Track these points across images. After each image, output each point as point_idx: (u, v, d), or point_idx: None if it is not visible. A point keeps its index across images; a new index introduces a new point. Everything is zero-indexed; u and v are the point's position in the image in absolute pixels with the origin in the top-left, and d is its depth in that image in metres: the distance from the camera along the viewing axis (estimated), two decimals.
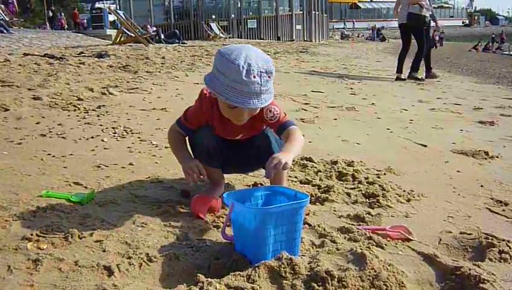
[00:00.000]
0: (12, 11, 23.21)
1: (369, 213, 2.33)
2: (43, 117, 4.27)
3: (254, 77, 1.97)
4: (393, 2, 14.66)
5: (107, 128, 3.98)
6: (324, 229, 2.09)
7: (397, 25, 10.02)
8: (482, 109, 6.32)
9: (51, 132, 3.76)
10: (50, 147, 3.32)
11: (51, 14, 29.56)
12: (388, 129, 4.69)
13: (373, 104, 6.33)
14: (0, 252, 1.71)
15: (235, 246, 1.84)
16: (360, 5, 74.66)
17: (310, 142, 3.91)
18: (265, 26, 30.81)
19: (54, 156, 3.09)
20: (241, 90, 1.98)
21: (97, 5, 27.14)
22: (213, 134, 2.33)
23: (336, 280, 1.57)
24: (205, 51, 13.63)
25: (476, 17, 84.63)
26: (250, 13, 31.64)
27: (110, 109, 4.78)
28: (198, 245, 1.86)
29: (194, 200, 2.23)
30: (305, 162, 3.17)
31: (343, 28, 53.98)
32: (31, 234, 1.84)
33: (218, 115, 2.26)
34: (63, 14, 30.16)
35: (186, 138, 2.43)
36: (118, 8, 25.84)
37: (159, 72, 8.10)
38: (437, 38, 31.51)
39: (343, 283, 1.56)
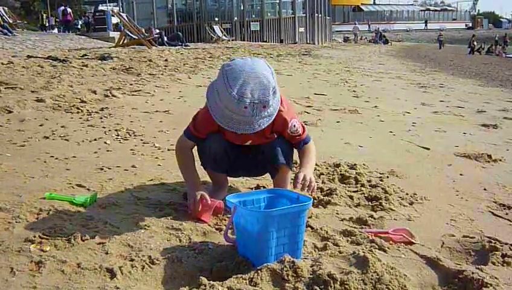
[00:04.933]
0: (68, 20, 25.89)
1: (371, 216, 2.33)
2: (46, 119, 4.29)
3: (245, 107, 1.96)
4: (396, 4, 14.65)
5: (110, 130, 3.99)
6: (327, 232, 2.09)
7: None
8: (485, 112, 6.31)
9: (54, 134, 3.77)
10: (53, 149, 3.33)
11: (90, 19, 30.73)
12: (391, 132, 4.69)
13: (376, 106, 6.33)
14: (3, 254, 1.71)
15: (238, 249, 1.84)
16: (363, 7, 74.62)
17: None
18: (268, 29, 30.81)
19: (57, 158, 3.10)
20: (231, 117, 2.00)
21: (100, 7, 27.27)
22: (222, 140, 2.30)
23: (338, 283, 1.56)
24: (208, 54, 13.65)
25: (479, 20, 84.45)
26: (253, 16, 31.65)
27: (113, 111, 4.79)
28: (201, 248, 1.86)
29: (197, 204, 2.19)
30: None
31: (368, 30, 53.64)
32: (34, 236, 1.84)
33: None
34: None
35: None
36: (121, 10, 25.92)
37: (162, 74, 8.12)
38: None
39: (346, 286, 1.56)
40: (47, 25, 28.93)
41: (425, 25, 71.77)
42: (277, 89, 2.05)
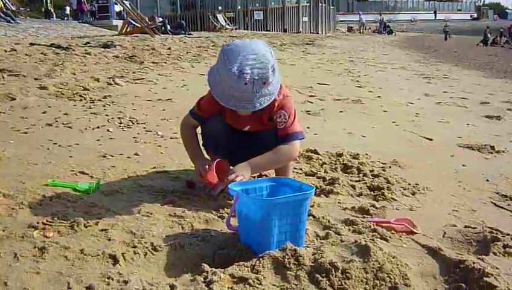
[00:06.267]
0: (83, 9, 25.92)
1: (373, 206, 2.33)
2: (49, 107, 4.29)
3: (246, 84, 1.99)
4: None
5: (112, 118, 3.99)
6: (328, 221, 2.09)
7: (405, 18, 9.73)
8: (488, 103, 6.29)
9: (57, 121, 3.78)
10: (56, 136, 3.33)
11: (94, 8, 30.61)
12: (394, 122, 4.68)
13: (379, 97, 6.32)
14: (6, 240, 1.72)
15: (240, 237, 1.84)
16: None
17: (315, 134, 3.91)
18: (272, 18, 30.65)
19: (60, 146, 3.10)
20: (232, 94, 2.02)
21: None
22: (223, 123, 2.34)
23: (339, 271, 1.57)
24: (211, 42, 13.60)
25: (484, 11, 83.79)
26: (257, 5, 31.47)
27: (116, 99, 4.79)
28: (203, 235, 1.87)
29: (203, 171, 2.20)
30: (310, 154, 3.17)
31: (374, 20, 52.42)
32: (37, 222, 1.85)
33: None
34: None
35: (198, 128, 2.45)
36: None
37: (165, 63, 8.10)
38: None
39: (347, 274, 1.57)
40: (54, 13, 29.19)
41: (435, 16, 70.72)
42: (276, 68, 2.08)
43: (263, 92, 2.04)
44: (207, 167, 2.19)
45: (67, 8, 29.51)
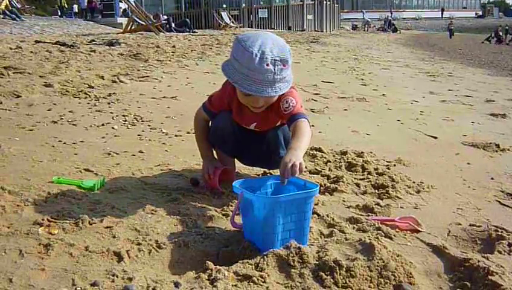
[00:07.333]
0: (94, 7, 25.40)
1: (378, 204, 2.32)
2: (55, 104, 4.30)
3: (267, 65, 1.97)
4: None
5: (117, 116, 4.00)
6: (333, 219, 2.09)
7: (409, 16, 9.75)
8: (493, 101, 6.26)
9: (62, 118, 3.79)
10: (61, 133, 3.34)
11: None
12: (398, 120, 4.67)
13: (384, 95, 6.30)
14: (12, 237, 1.73)
15: (244, 235, 1.84)
16: None
17: (319, 132, 3.90)
18: (276, 16, 30.64)
19: (65, 143, 3.11)
20: (254, 78, 1.98)
21: None
22: (230, 119, 2.34)
23: (344, 269, 1.57)
24: (215, 40, 13.60)
25: (489, 9, 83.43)
26: (261, 2, 31.45)
27: (121, 97, 4.80)
28: (208, 233, 1.87)
29: (211, 174, 2.31)
30: (315, 152, 3.16)
31: (386, 17, 51.59)
32: (42, 219, 1.86)
33: (237, 99, 2.27)
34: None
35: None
36: None
37: (170, 60, 8.11)
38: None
39: (351, 272, 1.56)
40: (67, 10, 28.98)
41: (442, 13, 70.21)
42: (291, 58, 2.07)
43: (283, 74, 2.02)
44: (212, 172, 2.28)
45: (75, 7, 29.24)
